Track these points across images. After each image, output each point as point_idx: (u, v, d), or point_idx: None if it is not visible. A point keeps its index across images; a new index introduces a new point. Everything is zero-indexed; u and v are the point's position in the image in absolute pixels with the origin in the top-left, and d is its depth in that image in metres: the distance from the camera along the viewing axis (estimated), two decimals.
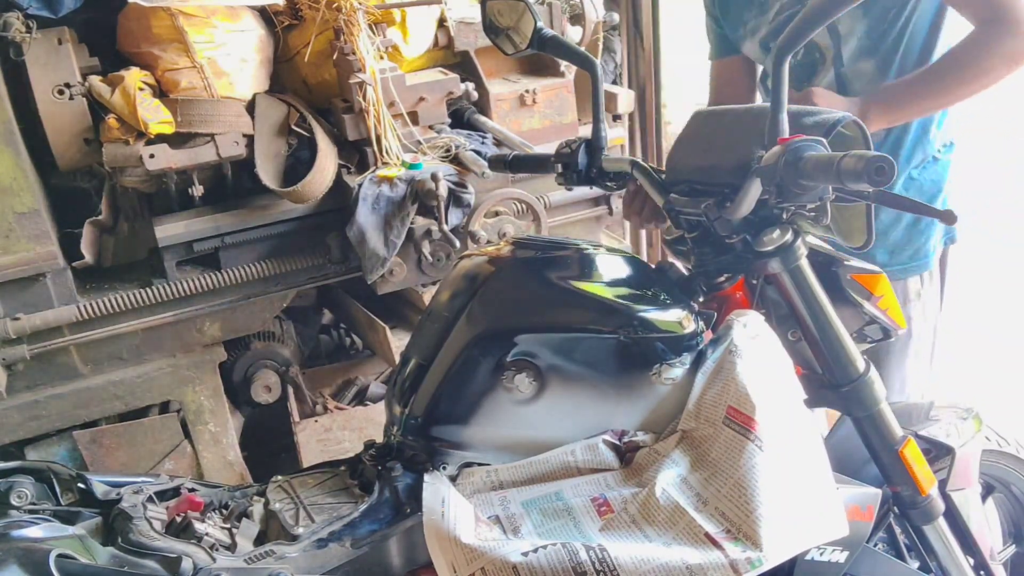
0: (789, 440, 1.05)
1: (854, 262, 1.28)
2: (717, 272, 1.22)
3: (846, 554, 1.16)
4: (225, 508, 1.16)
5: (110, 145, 2.09)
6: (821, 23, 1.00)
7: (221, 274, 2.25)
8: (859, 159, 0.89)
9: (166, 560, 0.96)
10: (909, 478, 1.26)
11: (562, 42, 1.43)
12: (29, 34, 1.99)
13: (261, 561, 1.02)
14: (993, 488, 1.63)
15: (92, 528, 1.05)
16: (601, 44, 2.91)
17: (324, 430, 2.59)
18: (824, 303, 1.19)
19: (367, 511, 1.11)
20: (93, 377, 2.27)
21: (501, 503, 1.09)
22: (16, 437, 2.22)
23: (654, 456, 1.11)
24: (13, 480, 1.05)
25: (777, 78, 1.04)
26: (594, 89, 1.40)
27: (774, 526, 0.98)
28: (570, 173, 1.45)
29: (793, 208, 1.11)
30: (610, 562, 0.95)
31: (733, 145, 1.16)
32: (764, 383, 1.08)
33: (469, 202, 2.43)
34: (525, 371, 1.11)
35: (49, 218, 2.11)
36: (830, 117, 1.11)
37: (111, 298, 2.17)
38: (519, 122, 2.59)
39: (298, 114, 2.26)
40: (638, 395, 1.14)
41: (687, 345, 1.15)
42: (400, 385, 1.22)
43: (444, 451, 1.15)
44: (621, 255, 1.25)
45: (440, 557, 1.00)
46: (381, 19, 2.43)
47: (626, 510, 1.04)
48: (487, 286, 1.17)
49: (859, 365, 1.21)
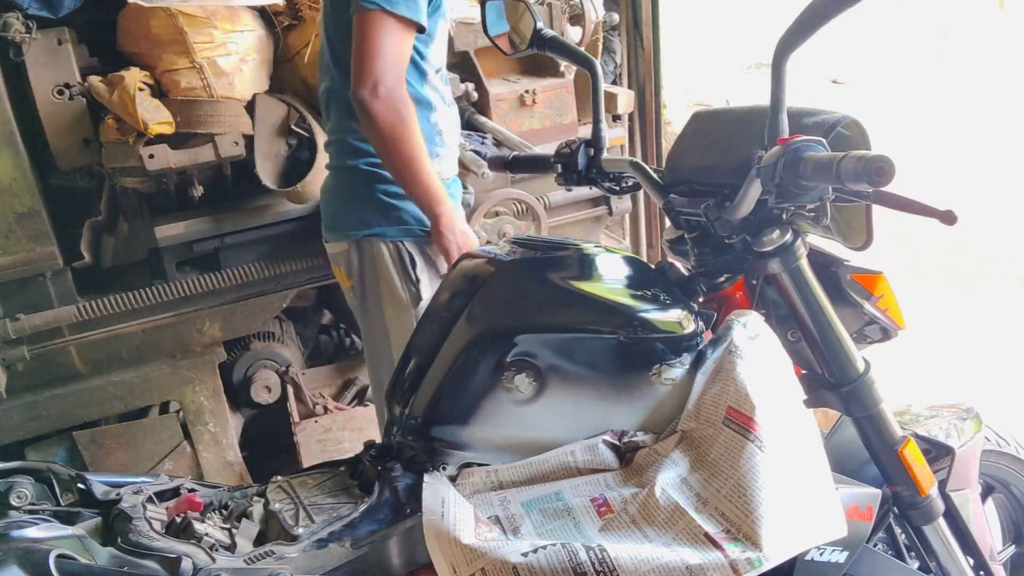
0: (789, 440, 1.05)
1: (854, 262, 1.28)
2: (717, 272, 1.21)
3: (846, 554, 1.16)
4: (225, 508, 1.16)
5: (110, 145, 2.09)
6: (821, 23, 1.00)
7: (221, 274, 2.25)
8: (859, 159, 0.89)
9: (166, 560, 0.96)
10: (909, 478, 1.26)
11: (562, 42, 1.43)
12: (29, 34, 1.99)
13: (261, 561, 1.02)
14: (993, 488, 1.63)
15: (92, 528, 1.05)
16: (601, 44, 2.91)
17: (324, 430, 2.59)
18: (824, 303, 1.19)
19: (367, 511, 1.11)
20: (93, 377, 2.27)
21: (501, 503, 1.09)
22: (16, 437, 2.22)
23: (654, 456, 1.10)
24: (13, 480, 1.05)
25: (777, 78, 1.04)
26: (594, 89, 1.41)
27: (774, 526, 0.98)
28: (570, 173, 1.45)
29: (793, 208, 1.11)
30: (610, 562, 0.95)
31: (733, 145, 1.16)
32: (764, 383, 1.08)
33: (469, 202, 2.43)
34: (525, 371, 1.11)
35: (49, 218, 2.11)
36: (830, 117, 1.11)
37: (111, 298, 2.17)
38: (519, 122, 2.59)
39: (298, 114, 2.26)
40: (638, 395, 1.14)
41: (687, 345, 1.15)
42: (400, 385, 1.22)
43: (444, 451, 1.15)
44: (621, 255, 1.25)
45: (440, 557, 1.00)
46: None
47: (626, 510, 1.04)
48: (487, 286, 1.17)
49: (859, 365, 1.21)
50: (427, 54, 1.81)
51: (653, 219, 3.18)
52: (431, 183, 1.73)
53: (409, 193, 1.77)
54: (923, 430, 1.42)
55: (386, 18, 1.64)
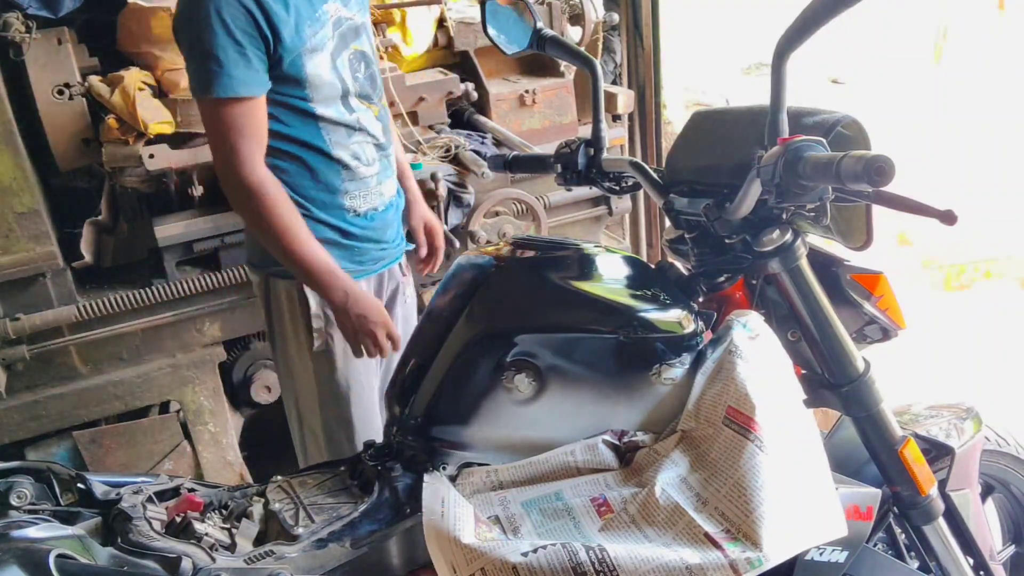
0: (789, 440, 1.05)
1: (854, 262, 1.28)
2: (717, 272, 1.21)
3: (846, 554, 1.16)
4: (225, 508, 1.16)
5: (110, 145, 2.09)
6: (821, 23, 1.00)
7: (221, 274, 2.25)
8: (859, 159, 0.89)
9: (166, 560, 0.96)
10: (909, 478, 1.26)
11: (562, 42, 1.43)
12: (29, 34, 1.99)
13: (261, 561, 1.02)
14: (993, 488, 1.63)
15: (92, 528, 1.05)
16: (601, 44, 2.91)
17: None
18: (824, 303, 1.19)
19: (367, 511, 1.11)
20: (93, 377, 2.27)
21: (501, 503, 1.09)
22: (16, 437, 2.22)
23: (654, 456, 1.11)
24: (13, 480, 1.05)
25: (777, 78, 1.04)
26: (594, 89, 1.40)
27: (774, 526, 0.98)
28: (569, 173, 1.45)
29: (793, 208, 1.11)
30: (610, 562, 0.95)
31: (733, 145, 1.16)
32: (764, 383, 1.08)
33: (469, 202, 2.43)
34: (525, 371, 1.11)
35: (49, 218, 2.11)
36: (830, 117, 1.11)
37: (111, 298, 2.17)
38: (519, 122, 2.60)
39: None
40: (638, 395, 1.14)
41: (687, 345, 1.15)
42: (400, 385, 1.22)
43: (444, 451, 1.15)
44: (621, 255, 1.25)
45: (440, 557, 1.00)
46: (381, 19, 2.44)
47: (626, 510, 1.04)
48: (487, 286, 1.17)
49: (859, 365, 1.21)
50: (311, 95, 1.62)
51: (653, 219, 3.19)
52: (311, 265, 1.61)
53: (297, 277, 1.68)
54: (923, 430, 1.42)
55: (211, 105, 1.54)
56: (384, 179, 1.80)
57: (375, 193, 1.77)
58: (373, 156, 1.76)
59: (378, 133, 1.76)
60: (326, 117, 1.65)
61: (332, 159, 1.69)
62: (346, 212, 1.73)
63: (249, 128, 1.55)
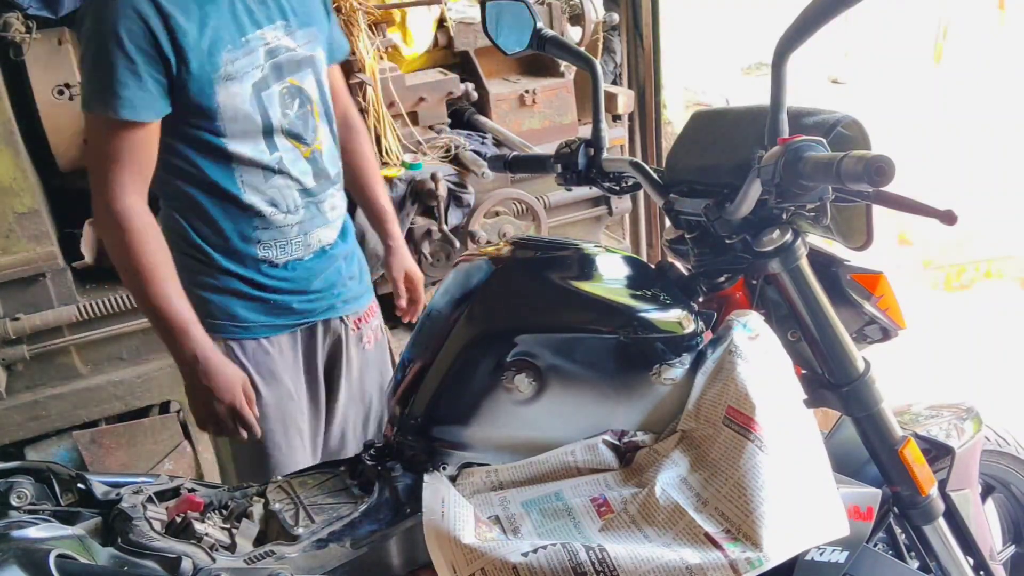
0: (789, 440, 1.05)
1: (854, 262, 1.28)
2: (717, 272, 1.21)
3: (846, 554, 1.16)
4: (225, 508, 1.16)
5: None
6: (821, 23, 1.00)
7: None
8: (859, 159, 0.89)
9: (166, 560, 0.96)
10: (909, 478, 1.26)
11: (562, 42, 1.43)
12: (29, 34, 1.99)
13: (261, 561, 1.02)
14: (993, 488, 1.63)
15: (92, 528, 1.05)
16: (601, 44, 2.92)
17: None
18: (824, 303, 1.19)
19: (367, 511, 1.11)
20: (93, 377, 2.28)
21: (501, 503, 1.09)
22: (16, 437, 2.23)
23: (654, 456, 1.11)
24: (13, 480, 1.05)
25: (777, 78, 1.04)
26: (594, 89, 1.40)
27: (774, 526, 0.98)
28: (569, 173, 1.45)
29: (793, 208, 1.11)
30: (610, 562, 0.95)
31: (733, 145, 1.16)
32: (764, 383, 1.08)
33: (469, 202, 2.43)
34: (525, 371, 1.11)
35: (49, 218, 2.11)
36: (830, 117, 1.11)
37: (111, 298, 2.18)
38: (519, 122, 2.60)
39: None
40: (638, 395, 1.14)
41: (687, 345, 1.15)
42: (400, 385, 1.22)
43: (444, 451, 1.15)
44: (621, 255, 1.25)
45: (440, 557, 1.00)
46: (381, 19, 2.44)
47: (626, 510, 1.04)
48: (487, 286, 1.17)
49: (859, 365, 1.21)
50: (223, 128, 1.48)
51: (653, 219, 3.19)
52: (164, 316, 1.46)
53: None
54: (923, 430, 1.42)
55: (91, 121, 1.41)
56: (313, 228, 1.63)
57: (296, 243, 1.61)
58: (296, 203, 1.59)
59: (305, 177, 1.59)
60: (240, 155, 1.51)
61: (242, 204, 1.54)
62: (260, 263, 1.59)
63: (126, 154, 1.41)
